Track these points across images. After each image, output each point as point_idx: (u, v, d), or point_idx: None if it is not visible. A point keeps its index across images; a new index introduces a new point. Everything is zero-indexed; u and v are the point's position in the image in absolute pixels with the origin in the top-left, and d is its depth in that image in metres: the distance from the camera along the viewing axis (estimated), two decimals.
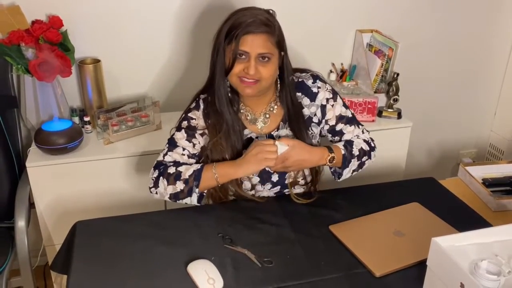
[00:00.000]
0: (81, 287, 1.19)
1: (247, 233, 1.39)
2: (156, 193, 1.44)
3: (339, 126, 1.56)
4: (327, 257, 1.30)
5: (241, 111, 1.52)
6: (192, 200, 1.43)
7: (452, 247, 1.13)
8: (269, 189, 1.56)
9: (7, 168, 1.90)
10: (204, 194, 1.45)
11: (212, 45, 1.43)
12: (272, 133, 1.52)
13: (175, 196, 1.43)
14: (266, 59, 1.37)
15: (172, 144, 1.48)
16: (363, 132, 1.60)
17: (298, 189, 1.60)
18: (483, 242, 1.17)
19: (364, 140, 1.58)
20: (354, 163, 1.53)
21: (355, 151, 1.52)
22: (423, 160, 2.81)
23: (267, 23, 1.36)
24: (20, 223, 1.74)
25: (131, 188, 1.93)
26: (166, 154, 1.47)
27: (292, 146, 1.41)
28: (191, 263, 1.24)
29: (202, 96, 1.51)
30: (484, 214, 1.52)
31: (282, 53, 1.43)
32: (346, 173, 1.54)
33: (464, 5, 2.46)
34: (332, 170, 1.57)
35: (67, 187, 1.86)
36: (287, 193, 1.57)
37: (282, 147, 1.40)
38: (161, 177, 1.42)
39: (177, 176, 1.40)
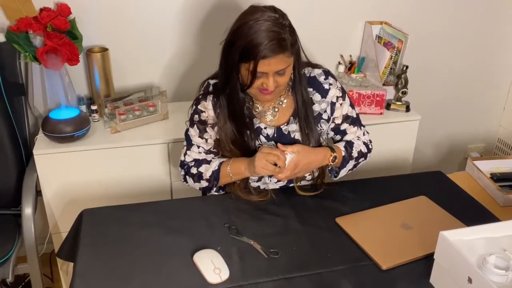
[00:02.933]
0: (87, 274, 1.19)
1: (253, 223, 1.39)
2: (188, 185, 1.57)
3: (344, 126, 1.56)
4: (334, 249, 1.29)
5: (250, 103, 1.51)
6: (213, 192, 1.56)
7: (460, 241, 1.13)
8: (276, 182, 1.55)
9: (14, 156, 1.90)
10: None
11: (221, 51, 1.39)
12: (281, 126, 1.51)
13: (203, 190, 1.59)
14: (283, 71, 1.36)
15: (188, 142, 1.54)
16: (364, 134, 1.61)
17: (305, 183, 1.59)
18: (491, 237, 1.16)
19: (364, 143, 1.59)
20: (351, 164, 1.54)
21: (354, 153, 1.53)
22: (430, 154, 2.80)
23: (281, 41, 1.30)
24: (27, 210, 1.75)
25: (138, 177, 1.93)
26: (186, 154, 1.55)
27: (297, 152, 1.41)
28: (197, 252, 1.24)
29: (211, 81, 1.50)
30: (492, 209, 1.51)
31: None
32: (343, 173, 1.55)
33: None
34: (329, 168, 1.57)
35: (74, 175, 1.87)
36: (292, 185, 1.57)
37: (290, 155, 1.39)
38: (187, 176, 1.55)
39: (199, 176, 1.51)
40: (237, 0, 2.09)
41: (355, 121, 1.58)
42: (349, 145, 1.53)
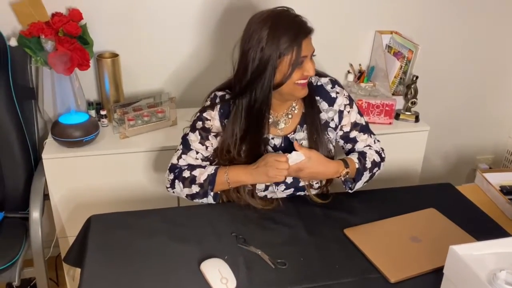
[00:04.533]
0: (94, 281, 1.19)
1: (261, 233, 1.38)
2: (173, 192, 1.51)
3: (353, 134, 1.55)
4: (342, 260, 1.28)
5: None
6: (208, 200, 1.47)
7: (470, 256, 1.11)
8: (282, 191, 1.55)
9: (23, 159, 1.91)
10: (219, 193, 1.47)
11: (243, 55, 1.38)
12: (288, 135, 1.51)
13: (191, 197, 1.48)
14: (313, 55, 1.41)
15: (185, 146, 1.49)
16: (374, 142, 1.60)
17: (312, 191, 1.58)
18: (502, 252, 1.14)
19: (376, 151, 1.57)
20: (366, 175, 1.52)
21: (368, 164, 1.51)
22: (438, 164, 2.78)
23: (306, 23, 1.37)
24: (35, 214, 1.75)
25: (146, 183, 1.93)
26: (180, 157, 1.49)
27: (309, 158, 1.41)
28: (204, 261, 1.23)
29: (218, 94, 1.50)
30: (501, 222, 1.49)
31: None
32: (359, 185, 1.53)
33: (486, 8, 2.42)
34: (343, 180, 1.55)
35: (82, 180, 1.87)
36: (300, 194, 1.56)
37: (298, 157, 1.39)
38: (176, 180, 1.47)
39: (192, 180, 1.44)
40: (247, 8, 2.09)
41: (365, 129, 1.57)
42: (362, 156, 1.52)
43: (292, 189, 1.55)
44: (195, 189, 1.44)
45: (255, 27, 1.35)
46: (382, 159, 1.58)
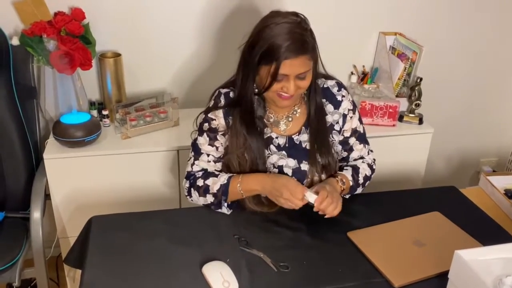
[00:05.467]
0: (95, 282, 1.18)
1: (263, 236, 1.37)
2: (192, 200, 1.50)
3: (352, 140, 1.55)
4: (345, 264, 1.27)
5: (264, 112, 1.49)
6: (223, 210, 1.46)
7: (476, 260, 1.10)
8: None
9: (24, 159, 1.90)
10: (235, 203, 1.47)
11: (241, 54, 1.39)
12: (293, 136, 1.49)
13: (208, 206, 1.48)
14: (304, 75, 1.35)
15: (196, 151, 1.49)
16: (368, 153, 1.60)
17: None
18: (508, 257, 1.13)
19: (368, 164, 1.58)
20: (359, 190, 1.55)
21: (361, 180, 1.53)
22: (442, 166, 2.76)
23: (303, 42, 1.30)
24: (36, 214, 1.74)
25: (147, 184, 1.92)
26: (193, 164, 1.49)
27: (316, 190, 1.39)
28: (206, 264, 1.22)
29: (223, 91, 1.48)
30: (506, 226, 1.48)
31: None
32: (348, 197, 1.55)
33: (490, 11, 2.40)
34: None
35: (83, 180, 1.86)
36: None
37: (311, 197, 1.36)
38: (192, 188, 1.47)
39: (206, 189, 1.44)
40: (251, 7, 2.08)
41: (361, 138, 1.57)
42: (356, 172, 1.53)
43: None
44: (209, 199, 1.44)
45: (256, 28, 1.36)
46: (373, 171, 1.60)
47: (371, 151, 1.62)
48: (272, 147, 1.49)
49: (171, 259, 1.26)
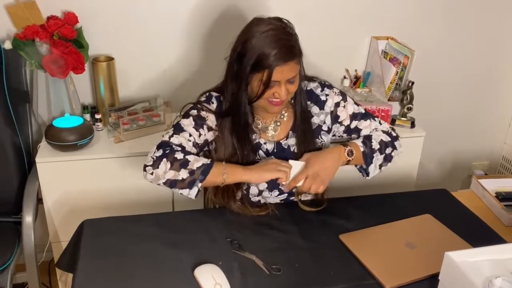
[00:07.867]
0: (87, 286, 1.18)
1: (256, 239, 1.37)
2: (152, 173, 1.33)
3: (354, 124, 1.54)
4: (337, 266, 1.28)
5: (252, 119, 1.49)
6: (191, 192, 1.33)
7: (466, 262, 1.11)
8: (276, 196, 1.54)
9: (16, 163, 1.90)
10: (201, 190, 1.35)
11: (228, 65, 1.41)
12: (281, 141, 1.50)
13: (171, 184, 1.33)
14: (293, 79, 1.37)
15: (178, 128, 1.40)
16: (380, 124, 1.56)
17: (306, 197, 1.57)
18: (497, 259, 1.14)
19: (383, 131, 1.53)
20: (379, 158, 1.48)
21: (375, 145, 1.47)
22: (434, 169, 2.78)
23: (291, 48, 1.32)
24: (28, 218, 1.73)
25: (140, 188, 1.92)
26: (172, 136, 1.39)
27: (306, 159, 1.41)
28: (198, 267, 1.22)
29: (214, 94, 1.48)
30: (497, 228, 1.49)
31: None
32: (373, 170, 1.49)
33: (482, 15, 2.43)
34: (358, 167, 1.54)
35: (75, 184, 1.86)
36: (294, 200, 1.55)
37: (297, 163, 1.38)
38: (164, 159, 1.32)
39: (184, 163, 1.31)
40: (242, 11, 2.09)
41: (365, 116, 1.55)
42: (367, 139, 1.49)
43: (286, 194, 1.54)
44: (182, 174, 1.30)
45: (241, 37, 1.36)
46: (394, 138, 1.54)
47: (384, 122, 1.58)
48: (261, 152, 1.49)
49: (164, 262, 1.26)
